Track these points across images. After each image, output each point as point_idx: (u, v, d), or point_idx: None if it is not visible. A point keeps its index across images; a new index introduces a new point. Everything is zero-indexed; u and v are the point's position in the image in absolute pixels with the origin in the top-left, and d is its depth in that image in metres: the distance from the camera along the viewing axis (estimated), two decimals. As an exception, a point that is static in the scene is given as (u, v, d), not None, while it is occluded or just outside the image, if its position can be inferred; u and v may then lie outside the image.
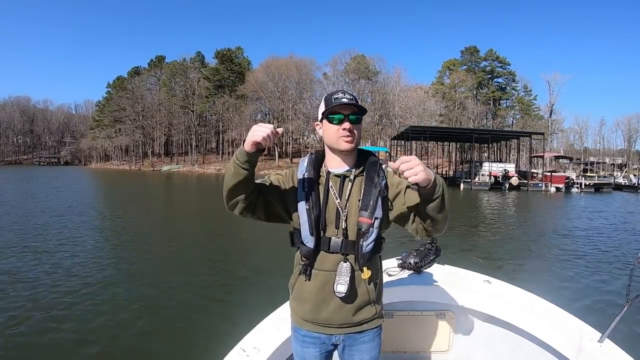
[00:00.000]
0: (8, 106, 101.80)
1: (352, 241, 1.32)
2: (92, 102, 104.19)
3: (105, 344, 3.88)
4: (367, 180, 1.33)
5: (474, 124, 55.78)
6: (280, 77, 58.62)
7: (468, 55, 63.63)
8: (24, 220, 11.41)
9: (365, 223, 1.28)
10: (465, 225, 12.27)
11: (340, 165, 1.38)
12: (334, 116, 1.32)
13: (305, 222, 1.33)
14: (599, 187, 32.53)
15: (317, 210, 1.32)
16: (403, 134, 38.97)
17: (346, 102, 1.29)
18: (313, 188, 1.34)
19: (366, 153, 1.43)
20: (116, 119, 75.61)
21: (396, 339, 2.14)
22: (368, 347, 1.40)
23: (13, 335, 4.05)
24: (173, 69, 71.08)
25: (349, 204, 1.33)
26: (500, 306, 2.01)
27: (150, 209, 16.09)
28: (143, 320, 4.49)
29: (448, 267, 2.47)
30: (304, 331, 1.41)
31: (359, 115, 1.34)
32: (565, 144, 61.20)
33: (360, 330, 1.38)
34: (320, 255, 1.34)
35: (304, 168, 1.39)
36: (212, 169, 61.32)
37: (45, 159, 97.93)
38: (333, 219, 1.33)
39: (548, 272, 6.89)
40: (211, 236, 9.92)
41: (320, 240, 1.34)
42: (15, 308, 4.71)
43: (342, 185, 1.35)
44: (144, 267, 6.71)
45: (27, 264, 6.69)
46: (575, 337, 1.71)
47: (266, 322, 1.82)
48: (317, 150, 1.46)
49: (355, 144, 1.34)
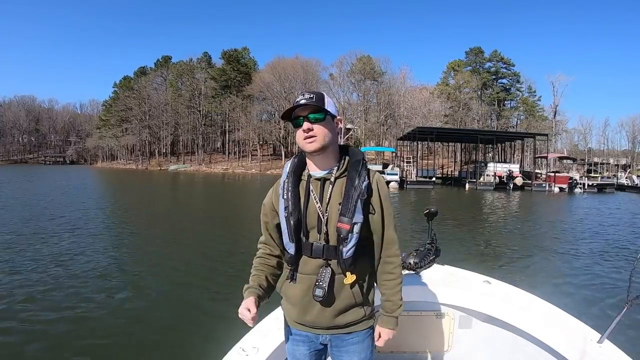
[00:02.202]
0: (14, 105, 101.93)
1: (333, 246, 1.29)
2: (97, 102, 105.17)
3: (104, 343, 3.84)
4: (348, 182, 1.29)
5: (478, 125, 56.27)
6: (286, 77, 58.71)
7: (473, 56, 64.08)
8: (41, 215, 11.90)
9: (343, 229, 1.24)
10: (467, 224, 12.37)
11: (320, 168, 1.33)
12: (296, 120, 1.29)
13: (285, 229, 1.32)
14: (602, 188, 32.73)
15: (296, 215, 1.29)
16: (410, 135, 39.50)
17: (303, 102, 1.26)
18: (293, 193, 1.31)
19: (351, 152, 1.38)
20: (123, 119, 76.03)
21: (396, 339, 2.08)
22: (358, 348, 1.38)
23: (14, 333, 4.04)
24: (180, 69, 71.61)
25: (330, 208, 1.29)
26: (500, 306, 2.01)
27: (160, 207, 16.29)
28: (142, 319, 4.46)
29: (448, 267, 2.46)
30: (295, 330, 1.41)
31: (319, 113, 1.27)
32: (569, 144, 61.33)
33: (347, 331, 1.36)
34: (303, 259, 1.33)
35: (285, 174, 1.36)
36: (219, 168, 61.92)
37: (51, 158, 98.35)
38: (315, 223, 1.30)
39: (548, 272, 6.91)
40: (212, 236, 9.84)
41: (301, 245, 1.32)
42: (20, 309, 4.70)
43: (323, 189, 1.31)
44: (144, 266, 6.65)
45: (38, 256, 6.99)
46: (575, 337, 1.71)
47: (266, 322, 1.81)
48: (301, 153, 1.39)
49: (320, 143, 1.28)
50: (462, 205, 19.60)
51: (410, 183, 31.75)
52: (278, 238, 1.40)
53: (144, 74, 77.91)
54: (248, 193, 25.81)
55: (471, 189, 30.92)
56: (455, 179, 40.19)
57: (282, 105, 59.19)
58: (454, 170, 47.66)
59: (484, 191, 29.36)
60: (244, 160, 65.31)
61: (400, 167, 35.55)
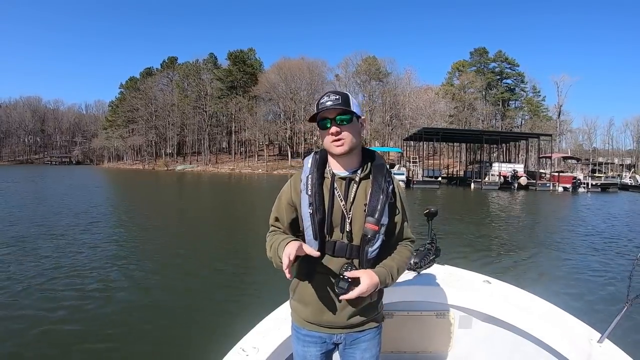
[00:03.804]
0: (19, 106, 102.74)
1: (357, 246, 1.29)
2: (102, 103, 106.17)
3: (104, 343, 3.86)
4: (374, 184, 1.30)
5: (483, 125, 56.50)
6: (292, 78, 59.01)
7: (477, 57, 64.30)
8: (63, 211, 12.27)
9: (371, 230, 1.26)
10: (470, 224, 12.42)
11: (344, 167, 1.34)
12: (322, 122, 1.30)
13: (309, 227, 1.30)
14: (606, 187, 32.92)
15: (322, 213, 1.29)
16: (415, 135, 39.98)
17: (329, 104, 1.26)
18: (317, 191, 1.30)
19: (372, 154, 1.40)
20: (129, 119, 76.60)
21: (396, 339, 2.13)
22: (369, 345, 1.40)
23: (16, 330, 4.11)
24: (186, 70, 72.07)
25: (354, 207, 1.30)
26: (500, 306, 2.01)
27: (164, 208, 16.29)
28: (142, 319, 4.50)
29: (448, 267, 2.46)
30: (305, 331, 1.40)
31: (347, 115, 1.28)
32: (574, 144, 61.37)
33: (361, 329, 1.38)
34: (325, 258, 1.31)
35: (308, 170, 1.35)
36: (225, 168, 62.32)
37: (57, 158, 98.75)
38: (338, 222, 1.31)
39: (548, 272, 6.91)
40: (213, 236, 9.84)
41: (325, 244, 1.31)
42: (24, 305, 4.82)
43: (348, 188, 1.32)
44: (146, 266, 6.72)
45: (48, 252, 7.32)
46: (575, 337, 1.71)
47: (266, 322, 1.81)
48: (322, 150, 1.39)
49: (348, 146, 1.29)
50: (468, 205, 19.91)
51: (417, 183, 32.06)
52: (290, 234, 1.39)
53: (150, 75, 78.36)
54: (257, 192, 26.21)
55: (476, 189, 31.26)
56: (460, 179, 40.46)
57: (288, 105, 59.63)
58: (459, 170, 48.06)
59: (488, 191, 29.60)
60: (250, 160, 65.70)
61: (407, 167, 35.95)
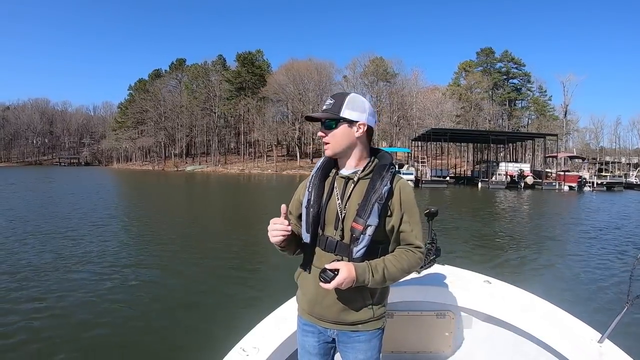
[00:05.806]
0: (28, 108, 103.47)
1: (346, 244, 1.31)
2: (110, 104, 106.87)
3: (104, 343, 3.86)
4: (369, 184, 1.31)
5: (489, 125, 56.90)
6: (300, 79, 59.43)
7: (484, 57, 64.57)
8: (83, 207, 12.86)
9: (356, 229, 1.27)
10: (472, 223, 12.54)
11: (346, 167, 1.38)
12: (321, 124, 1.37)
13: (304, 220, 1.37)
14: (611, 186, 33.24)
15: (316, 208, 1.34)
16: (424, 135, 40.65)
17: (315, 115, 1.34)
18: (317, 187, 1.37)
19: (380, 156, 1.41)
20: (139, 121, 77.41)
21: (396, 339, 2.13)
22: (364, 347, 1.38)
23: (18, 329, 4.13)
24: (195, 72, 72.72)
25: (349, 206, 1.32)
26: (501, 306, 2.01)
27: (177, 208, 16.42)
28: (142, 319, 4.49)
29: (448, 267, 2.45)
30: (304, 320, 1.45)
31: (331, 122, 1.33)
32: (580, 143, 61.22)
33: (354, 329, 1.37)
34: (318, 252, 1.37)
35: (316, 169, 1.43)
36: (235, 169, 63.02)
37: (65, 159, 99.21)
38: (332, 219, 1.34)
39: (548, 272, 6.93)
40: (214, 236, 9.87)
41: (317, 237, 1.37)
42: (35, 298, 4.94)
43: (345, 187, 1.35)
44: (147, 265, 6.76)
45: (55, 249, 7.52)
46: (575, 337, 1.71)
47: (266, 322, 1.81)
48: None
49: (332, 150, 1.35)
50: (475, 204, 20.34)
51: (425, 182, 32.60)
52: (297, 229, 1.44)
53: (158, 76, 79.03)
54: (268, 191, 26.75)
55: (483, 188, 31.83)
56: (467, 179, 41.00)
57: (297, 106, 60.18)
58: (466, 170, 48.61)
59: (495, 190, 30.07)
60: (259, 160, 66.30)
61: (415, 167, 36.59)
